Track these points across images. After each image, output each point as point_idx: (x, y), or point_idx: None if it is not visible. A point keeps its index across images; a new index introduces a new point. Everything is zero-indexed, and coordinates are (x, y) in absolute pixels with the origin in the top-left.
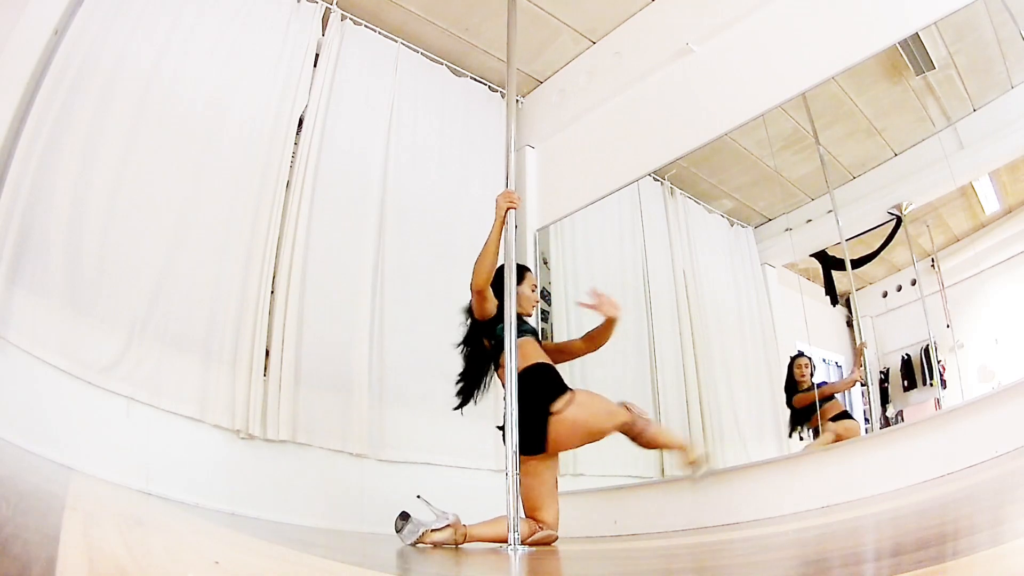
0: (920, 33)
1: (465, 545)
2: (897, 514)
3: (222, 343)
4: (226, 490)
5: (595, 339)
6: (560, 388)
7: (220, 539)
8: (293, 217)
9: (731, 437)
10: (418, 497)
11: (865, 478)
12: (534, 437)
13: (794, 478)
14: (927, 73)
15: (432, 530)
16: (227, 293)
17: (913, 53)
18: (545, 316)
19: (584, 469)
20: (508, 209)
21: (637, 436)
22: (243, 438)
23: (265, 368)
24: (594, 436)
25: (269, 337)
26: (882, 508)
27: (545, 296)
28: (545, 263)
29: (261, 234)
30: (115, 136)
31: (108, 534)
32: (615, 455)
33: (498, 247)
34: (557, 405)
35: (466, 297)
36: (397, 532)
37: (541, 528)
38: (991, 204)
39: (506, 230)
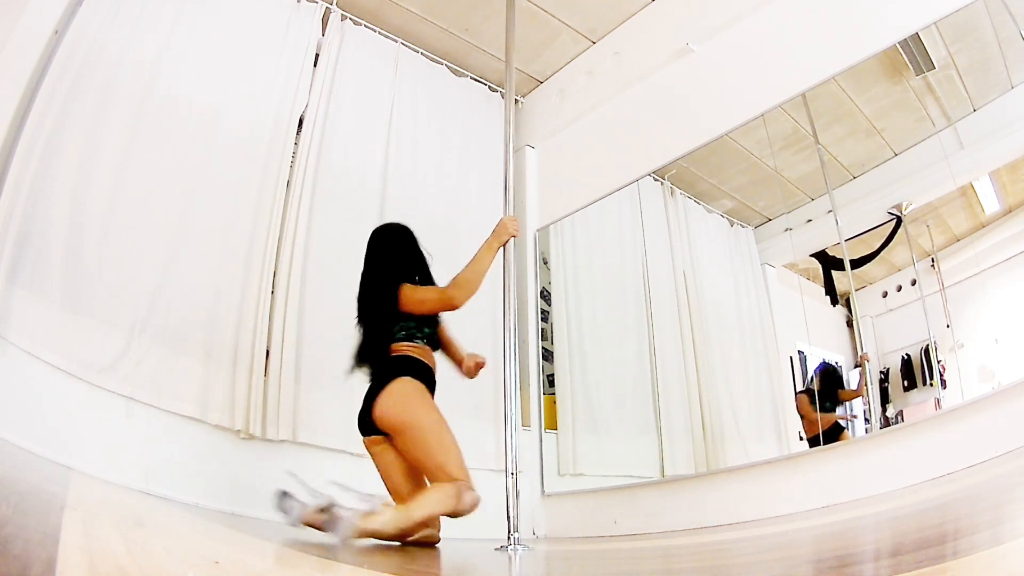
0: (920, 33)
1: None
2: (897, 514)
3: (222, 343)
4: (226, 490)
5: (448, 349)
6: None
7: (220, 539)
8: (293, 217)
9: (731, 437)
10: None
11: (865, 478)
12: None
13: (794, 478)
14: (927, 73)
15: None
16: (227, 293)
17: (913, 53)
18: (545, 316)
19: (584, 469)
20: (509, 238)
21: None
22: (243, 438)
23: (265, 368)
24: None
25: (269, 337)
26: (882, 508)
27: (545, 296)
28: (545, 263)
29: (261, 234)
30: (115, 136)
31: (108, 534)
32: (615, 454)
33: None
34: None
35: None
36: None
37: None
38: (991, 204)
39: (504, 251)
